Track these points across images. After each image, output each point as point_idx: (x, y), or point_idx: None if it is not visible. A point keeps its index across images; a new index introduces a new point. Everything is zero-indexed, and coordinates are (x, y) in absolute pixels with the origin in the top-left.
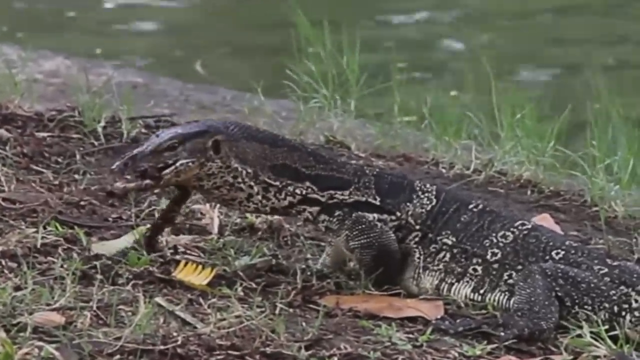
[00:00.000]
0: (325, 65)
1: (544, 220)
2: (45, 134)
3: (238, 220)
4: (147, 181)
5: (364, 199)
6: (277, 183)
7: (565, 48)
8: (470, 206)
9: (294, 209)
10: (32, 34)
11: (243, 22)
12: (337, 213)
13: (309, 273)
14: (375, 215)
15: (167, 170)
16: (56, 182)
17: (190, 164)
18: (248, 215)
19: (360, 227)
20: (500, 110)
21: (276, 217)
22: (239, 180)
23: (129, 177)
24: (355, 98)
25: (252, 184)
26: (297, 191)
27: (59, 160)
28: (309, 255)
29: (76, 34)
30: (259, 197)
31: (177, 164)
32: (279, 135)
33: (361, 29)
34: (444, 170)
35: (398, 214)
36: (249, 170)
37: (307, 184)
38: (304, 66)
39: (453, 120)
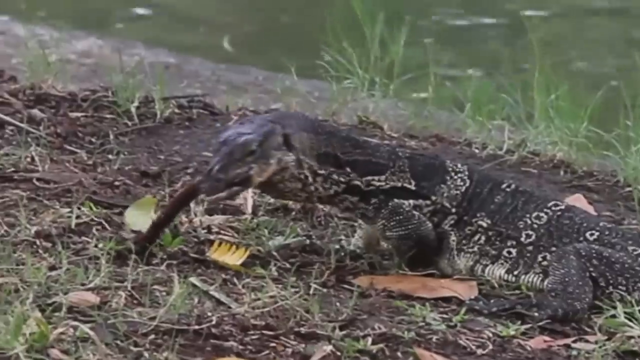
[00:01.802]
0: (363, 47)
1: (577, 200)
2: (79, 114)
3: (272, 201)
4: (237, 188)
5: (399, 184)
6: (323, 172)
7: (601, 27)
8: (503, 186)
9: (337, 198)
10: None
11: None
12: (373, 201)
13: (342, 253)
14: (411, 201)
15: (252, 173)
16: (90, 162)
17: (271, 161)
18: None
19: (397, 217)
20: (535, 90)
21: None
22: (299, 171)
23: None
24: (395, 82)
25: (307, 174)
26: (341, 179)
27: (93, 140)
28: (342, 236)
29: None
30: (312, 187)
31: (260, 164)
32: (316, 120)
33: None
34: (476, 151)
35: (433, 197)
36: (307, 160)
37: (348, 169)
38: (338, 46)
39: (486, 100)
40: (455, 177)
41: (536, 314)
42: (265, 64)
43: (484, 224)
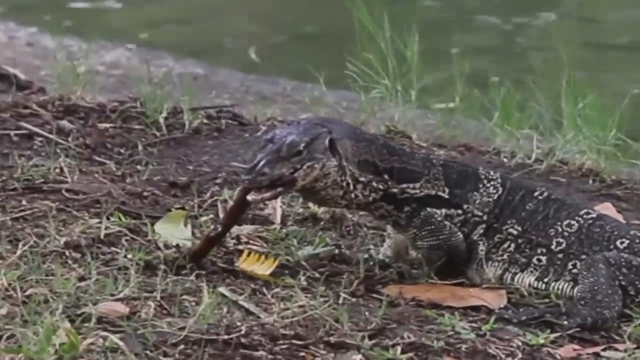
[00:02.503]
0: (386, 55)
1: (606, 209)
2: (108, 125)
3: (300, 210)
4: (281, 189)
5: (433, 192)
6: (363, 179)
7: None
8: (536, 194)
9: (373, 206)
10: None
11: (301, 10)
12: (406, 209)
13: (371, 263)
14: (444, 211)
15: (296, 175)
16: (119, 173)
17: (316, 165)
18: (311, 205)
19: (429, 227)
20: (562, 99)
21: None
22: (342, 178)
23: (263, 187)
24: (416, 88)
25: (349, 181)
26: (380, 186)
27: (122, 151)
28: (371, 245)
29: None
30: (352, 194)
31: (305, 167)
32: (356, 127)
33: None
34: (505, 160)
35: (465, 206)
36: (350, 168)
37: (386, 177)
38: (364, 56)
39: (514, 109)
40: (488, 184)
41: (565, 323)
42: (290, 74)
43: (514, 232)
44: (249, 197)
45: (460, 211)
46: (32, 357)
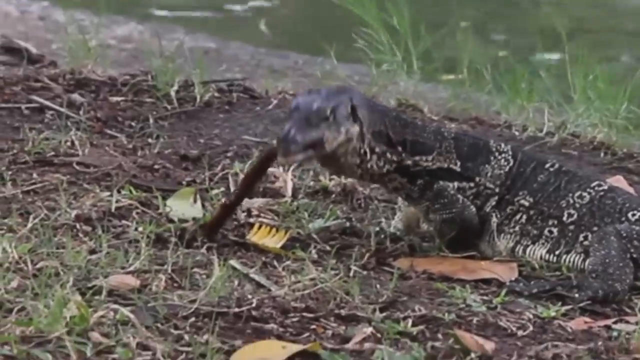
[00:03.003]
0: (395, 29)
1: (618, 182)
2: (119, 99)
3: (311, 183)
4: (312, 152)
5: (445, 165)
6: (378, 149)
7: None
8: (547, 165)
9: (387, 177)
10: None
11: None
12: (419, 182)
13: (382, 235)
14: (456, 184)
15: (325, 139)
16: (130, 146)
17: (341, 129)
18: (322, 178)
19: (442, 200)
20: (573, 72)
21: (350, 180)
22: (361, 145)
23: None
24: (417, 57)
25: (366, 149)
26: (394, 158)
27: (133, 124)
28: (382, 218)
29: None
30: (367, 164)
31: (332, 131)
32: (370, 98)
33: None
34: (516, 133)
35: (477, 179)
36: (368, 136)
37: (399, 149)
38: (375, 30)
39: (525, 82)
40: (500, 157)
41: (577, 295)
42: (301, 47)
43: (526, 203)
44: (281, 159)
45: (472, 184)
46: (43, 330)
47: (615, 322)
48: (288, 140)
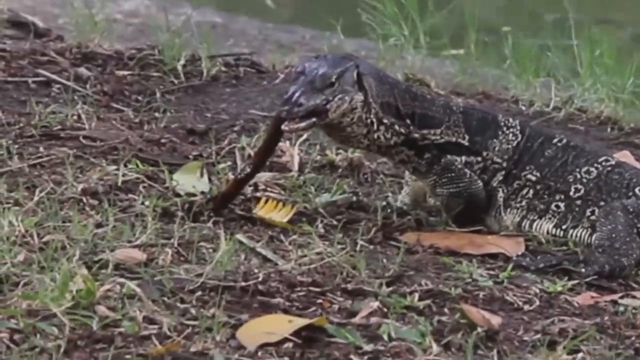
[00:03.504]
0: (402, 4)
1: (624, 157)
2: (126, 72)
3: (318, 158)
4: (315, 120)
5: (454, 139)
6: (386, 121)
7: None
8: (554, 140)
9: (394, 149)
10: None
11: None
12: (426, 155)
13: (389, 210)
14: (464, 158)
15: (329, 106)
16: (136, 120)
17: (346, 97)
18: (328, 152)
19: (449, 174)
20: (580, 47)
21: (357, 154)
22: (367, 115)
23: (298, 117)
24: (424, 31)
25: (373, 119)
26: (402, 130)
27: (139, 98)
28: (389, 193)
29: None
30: (374, 134)
31: (337, 98)
32: (379, 69)
33: None
34: (523, 108)
35: (484, 153)
36: (374, 105)
37: (407, 121)
38: (383, 4)
39: (531, 57)
40: (507, 131)
41: (583, 270)
42: (307, 21)
43: (533, 178)
44: (284, 127)
45: (479, 158)
46: (49, 303)
47: (621, 297)
48: (292, 102)
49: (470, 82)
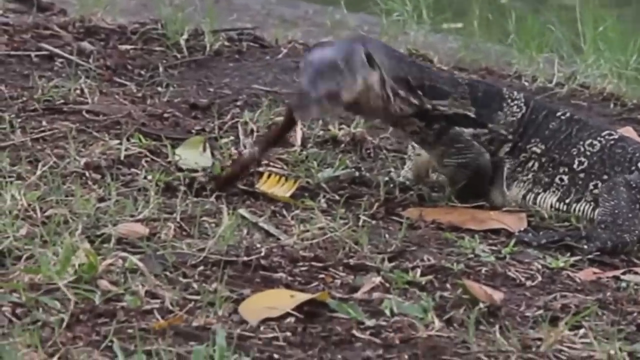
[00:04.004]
0: None
1: (627, 133)
2: (128, 47)
3: (321, 133)
4: (326, 104)
5: (461, 110)
6: (402, 92)
7: None
8: (558, 114)
9: (406, 120)
10: None
11: None
12: (435, 126)
13: (391, 185)
14: (471, 130)
15: (340, 90)
16: (139, 95)
17: (358, 78)
18: (331, 127)
19: (458, 145)
20: (583, 22)
21: (360, 129)
22: (383, 90)
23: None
24: (428, 6)
25: (390, 93)
26: (415, 101)
27: (142, 72)
28: (391, 168)
29: None
30: (392, 108)
31: (347, 81)
32: (386, 44)
33: None
34: (526, 84)
35: (490, 125)
36: (388, 80)
37: (419, 92)
38: None
39: (535, 33)
40: (512, 104)
41: (585, 246)
42: None
43: (538, 150)
44: (297, 116)
45: (486, 130)
46: (52, 277)
47: (623, 273)
48: (302, 97)
49: (473, 57)
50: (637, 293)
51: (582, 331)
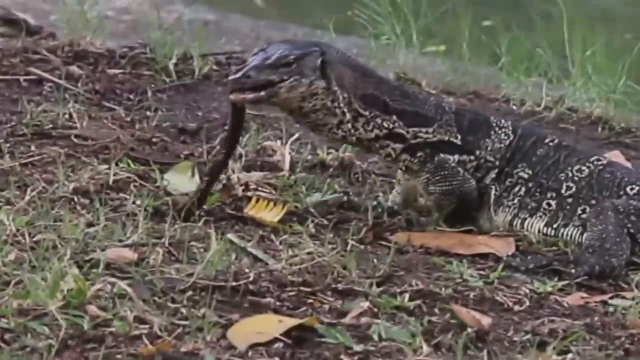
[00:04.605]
0: (395, 2)
1: (615, 157)
2: (117, 71)
3: (309, 157)
4: (263, 93)
5: (446, 137)
6: (367, 113)
7: None
8: (547, 140)
9: (378, 143)
10: None
11: None
12: (419, 154)
13: (379, 210)
14: (456, 156)
15: (283, 85)
16: (128, 119)
17: (303, 80)
18: (319, 152)
19: (442, 172)
20: (571, 46)
21: (348, 154)
22: (335, 104)
23: (246, 89)
24: (417, 30)
25: (345, 110)
26: (385, 124)
27: (131, 97)
28: (379, 192)
29: None
30: (349, 125)
31: (292, 79)
32: (365, 64)
33: None
34: (514, 107)
35: (477, 152)
36: (345, 96)
37: (394, 117)
38: (374, 2)
39: (524, 56)
40: (500, 131)
41: (573, 271)
42: (299, 19)
43: (525, 175)
44: (231, 96)
45: (472, 157)
46: (40, 302)
47: (611, 298)
48: (242, 74)
49: (461, 81)
50: (624, 317)
51: (569, 356)
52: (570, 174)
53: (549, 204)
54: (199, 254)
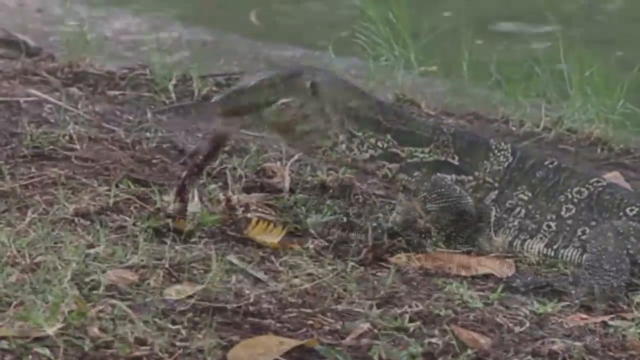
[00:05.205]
0: (394, 24)
1: (615, 178)
2: (117, 92)
3: (309, 179)
4: (247, 117)
5: (443, 158)
6: (360, 134)
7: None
8: (546, 163)
9: (374, 164)
10: None
11: None
12: (416, 173)
13: (379, 231)
14: (454, 176)
15: (269, 108)
16: (128, 140)
17: (290, 103)
18: (319, 173)
19: (439, 190)
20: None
21: (348, 175)
22: (328, 126)
23: (228, 116)
24: (415, 51)
25: (337, 132)
26: (379, 144)
27: (131, 118)
28: (379, 214)
29: None
30: (343, 146)
31: (279, 102)
32: (361, 88)
33: None
34: (513, 128)
35: (476, 173)
36: (337, 118)
37: (389, 137)
38: (372, 24)
39: (522, 78)
40: (499, 154)
41: (573, 292)
42: (298, 40)
43: (525, 197)
44: (216, 128)
45: (471, 177)
46: (41, 324)
47: (611, 319)
48: (226, 96)
49: (460, 102)
50: (624, 339)
51: None
52: (570, 196)
53: (549, 226)
54: (199, 276)
